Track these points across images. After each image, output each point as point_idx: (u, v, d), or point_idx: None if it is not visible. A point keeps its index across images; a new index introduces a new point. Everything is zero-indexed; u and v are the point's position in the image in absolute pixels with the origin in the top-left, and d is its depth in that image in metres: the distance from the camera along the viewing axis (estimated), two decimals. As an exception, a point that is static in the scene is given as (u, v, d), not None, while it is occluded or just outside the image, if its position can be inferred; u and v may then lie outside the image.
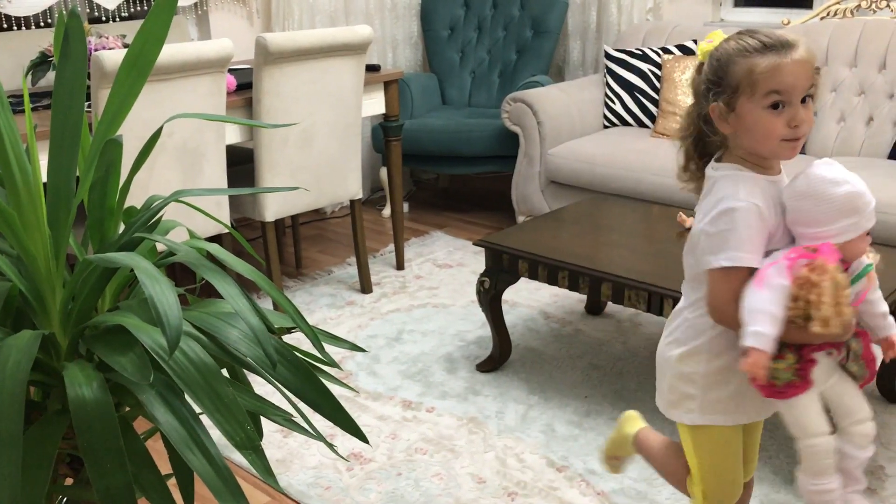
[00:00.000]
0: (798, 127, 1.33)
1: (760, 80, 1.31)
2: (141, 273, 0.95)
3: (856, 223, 1.34)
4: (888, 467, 2.15)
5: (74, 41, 1.16)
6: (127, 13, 3.69)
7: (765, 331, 1.31)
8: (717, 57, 1.36)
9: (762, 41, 1.33)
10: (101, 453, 0.98)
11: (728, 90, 1.35)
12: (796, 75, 1.31)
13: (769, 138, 1.34)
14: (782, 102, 1.32)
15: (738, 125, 1.36)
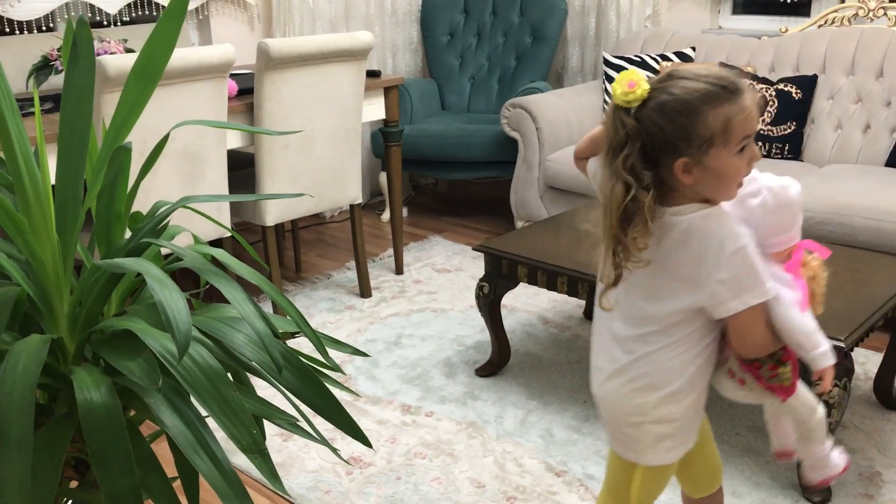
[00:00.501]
0: (752, 163, 1.29)
1: (737, 126, 1.23)
2: (150, 279, 0.97)
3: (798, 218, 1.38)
4: (885, 473, 2.17)
5: (83, 48, 1.18)
6: (128, 17, 3.71)
7: (829, 347, 1.36)
8: (674, 108, 1.22)
9: (720, 84, 1.23)
10: (108, 457, 0.99)
11: (697, 142, 1.23)
12: (757, 116, 1.27)
13: (734, 182, 1.28)
14: (747, 143, 1.26)
15: (704, 175, 1.25)
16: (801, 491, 2.08)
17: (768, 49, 3.75)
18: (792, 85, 3.55)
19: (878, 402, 2.49)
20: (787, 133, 3.52)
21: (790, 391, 1.44)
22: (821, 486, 1.58)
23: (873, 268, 2.41)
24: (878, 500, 2.06)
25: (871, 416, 2.43)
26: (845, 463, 1.58)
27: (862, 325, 2.02)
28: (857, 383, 2.58)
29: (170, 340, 1.05)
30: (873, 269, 2.39)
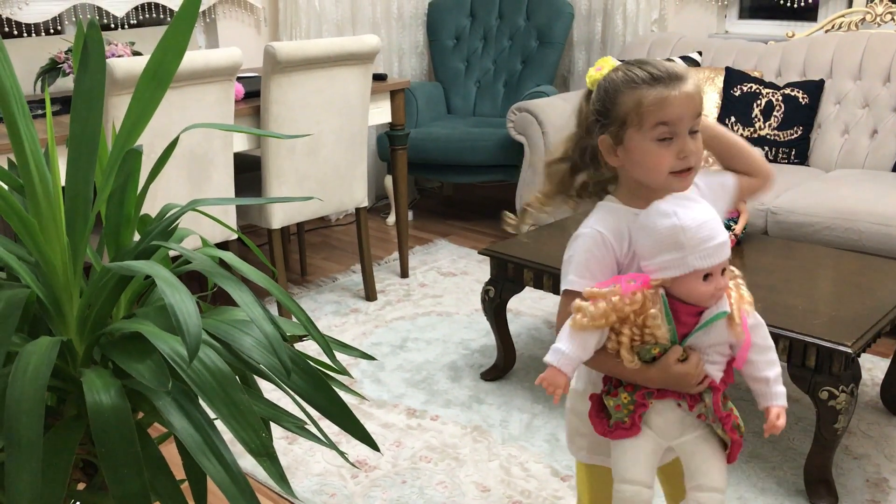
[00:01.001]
0: (686, 158, 1.29)
1: (648, 112, 1.27)
2: (161, 282, 0.97)
3: (678, 259, 1.25)
4: (892, 479, 2.16)
5: (93, 52, 1.18)
6: (136, 20, 3.72)
7: (565, 349, 1.29)
8: (605, 87, 1.32)
9: (650, 73, 1.29)
10: (118, 459, 0.99)
11: (616, 122, 1.31)
12: (683, 107, 1.27)
13: (657, 170, 1.30)
14: (670, 135, 1.28)
15: (627, 158, 1.32)
16: (807, 497, 2.08)
17: (775, 54, 3.75)
18: (799, 90, 3.54)
19: (885, 408, 2.49)
20: (793, 138, 3.52)
21: (611, 432, 1.35)
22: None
23: (880, 273, 2.40)
24: (885, 507, 2.06)
25: (878, 421, 2.43)
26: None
27: (869, 330, 2.01)
28: (865, 389, 2.58)
29: (179, 343, 1.05)
30: (880, 275, 2.39)
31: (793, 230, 2.98)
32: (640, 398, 1.33)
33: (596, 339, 1.30)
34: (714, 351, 1.32)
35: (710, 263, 1.24)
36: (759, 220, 3.07)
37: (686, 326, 1.29)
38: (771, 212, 3.06)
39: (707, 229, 1.25)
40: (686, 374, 1.29)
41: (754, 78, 3.64)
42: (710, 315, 1.28)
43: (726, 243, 1.26)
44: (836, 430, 1.98)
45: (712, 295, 1.27)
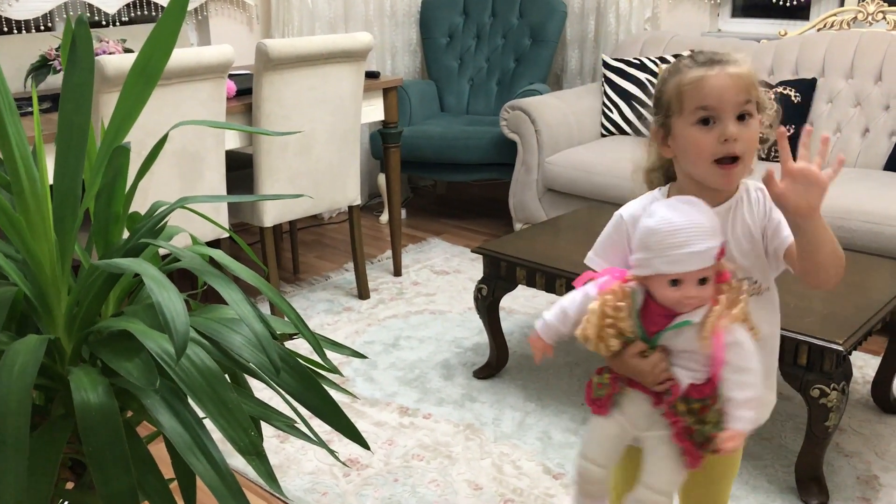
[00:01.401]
0: (728, 142, 1.24)
1: (686, 94, 1.26)
2: (149, 279, 0.96)
3: (646, 259, 1.27)
4: (882, 477, 2.17)
5: (82, 49, 1.17)
6: (127, 17, 3.70)
7: (549, 318, 1.40)
8: (658, 78, 1.33)
9: (694, 57, 1.28)
10: (105, 458, 0.98)
11: (663, 110, 1.31)
12: (723, 88, 1.24)
13: (700, 157, 1.27)
14: (711, 118, 1.25)
15: (676, 148, 1.31)
16: (798, 494, 2.08)
17: (768, 52, 3.76)
18: (791, 88, 3.55)
19: (876, 405, 2.49)
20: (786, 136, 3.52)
21: (593, 404, 1.40)
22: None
23: (872, 272, 2.41)
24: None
25: (869, 419, 2.43)
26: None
27: (860, 328, 2.02)
28: (856, 387, 2.58)
29: (167, 341, 1.04)
30: (872, 273, 2.39)
31: (785, 228, 2.99)
32: (613, 381, 1.38)
33: (574, 317, 1.36)
34: (687, 357, 1.31)
35: (674, 269, 1.24)
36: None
37: (657, 326, 1.31)
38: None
39: (681, 236, 1.23)
40: (640, 370, 1.32)
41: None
42: (677, 321, 1.29)
43: (703, 254, 1.23)
44: (827, 428, 1.98)
45: (678, 301, 1.26)
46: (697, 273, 1.24)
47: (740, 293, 1.29)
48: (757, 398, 1.29)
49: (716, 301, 1.27)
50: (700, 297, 1.26)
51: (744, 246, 1.32)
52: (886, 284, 2.29)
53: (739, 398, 1.28)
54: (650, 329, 1.32)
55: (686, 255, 1.23)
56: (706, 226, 1.24)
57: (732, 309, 1.27)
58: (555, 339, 1.43)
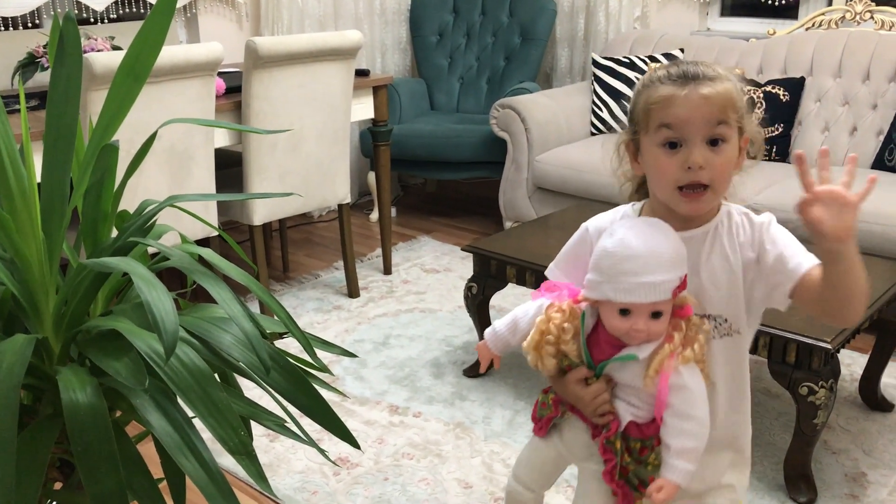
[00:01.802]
0: (692, 171, 1.13)
1: (653, 113, 1.15)
2: (137, 278, 0.96)
3: (597, 283, 1.18)
4: (870, 474, 2.18)
5: (70, 46, 1.16)
6: (115, 14, 3.68)
7: (498, 327, 1.36)
8: (634, 88, 1.23)
9: (669, 72, 1.16)
10: (94, 458, 0.98)
11: (633, 125, 1.22)
12: (692, 110, 1.12)
13: (662, 181, 1.16)
14: (678, 141, 1.14)
15: (644, 166, 1.22)
16: (787, 491, 2.09)
17: (756, 51, 3.77)
18: (780, 87, 3.56)
19: (864, 403, 2.50)
20: (775, 135, 3.54)
21: (535, 424, 1.36)
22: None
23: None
24: (864, 501, 2.07)
25: (857, 416, 2.45)
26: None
27: (848, 327, 2.03)
28: (843, 384, 2.60)
29: (156, 341, 1.04)
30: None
31: (774, 227, 3.00)
32: (555, 404, 1.32)
33: (524, 328, 1.32)
34: (631, 392, 1.23)
35: (623, 299, 1.14)
36: (740, 217, 3.08)
37: (603, 354, 1.23)
38: (752, 208, 3.07)
39: (635, 263, 1.13)
40: (580, 397, 1.24)
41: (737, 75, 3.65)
42: (623, 353, 1.20)
43: (657, 287, 1.12)
44: (815, 426, 1.99)
45: (626, 333, 1.18)
46: (649, 306, 1.14)
47: (699, 332, 1.19)
48: (696, 449, 1.18)
49: (669, 337, 1.17)
50: (650, 332, 1.16)
51: (718, 278, 1.20)
52: (874, 283, 2.30)
53: (676, 446, 1.18)
54: (596, 356, 1.24)
55: (638, 285, 1.13)
56: (666, 256, 1.14)
57: (686, 348, 1.17)
58: (502, 350, 1.37)
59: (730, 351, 1.25)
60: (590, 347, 1.24)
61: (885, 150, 3.30)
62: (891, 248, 2.80)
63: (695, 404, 1.18)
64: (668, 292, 1.14)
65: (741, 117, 1.17)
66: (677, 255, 1.15)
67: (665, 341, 1.18)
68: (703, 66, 1.16)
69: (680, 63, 1.18)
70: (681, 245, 1.16)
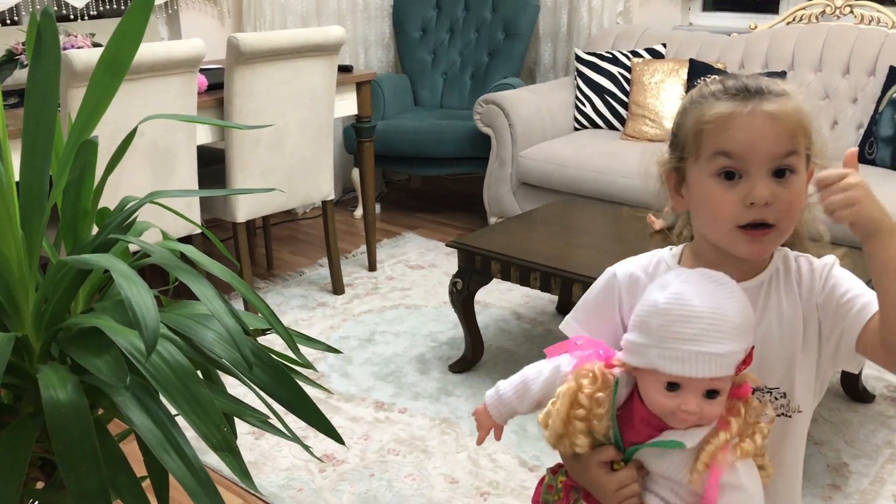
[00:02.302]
0: (754, 207, 0.93)
1: (706, 134, 0.95)
2: (118, 275, 0.95)
3: (641, 346, 0.96)
4: (852, 464, 2.20)
5: (48, 41, 1.15)
6: (95, 11, 3.65)
7: (504, 390, 1.11)
8: (679, 106, 1.02)
9: (725, 85, 0.97)
10: (76, 456, 0.97)
11: (678, 150, 1.00)
12: (756, 133, 0.92)
13: (717, 220, 0.96)
14: (737, 171, 0.94)
15: (691, 200, 1.00)
16: (770, 483, 2.11)
17: (738, 46, 3.79)
18: (761, 81, 3.58)
19: (846, 394, 2.53)
20: (756, 129, 3.56)
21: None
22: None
23: (843, 262, 2.43)
24: (845, 491, 2.09)
25: (839, 408, 2.47)
26: None
27: None
28: (826, 376, 2.62)
29: (138, 337, 1.03)
30: (843, 264, 2.42)
31: (756, 220, 3.01)
32: (566, 490, 1.09)
33: (537, 395, 1.08)
34: (667, 487, 1.00)
35: (677, 371, 0.93)
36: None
37: (638, 436, 1.01)
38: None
39: (696, 327, 0.92)
40: (602, 485, 1.01)
41: (718, 70, 3.67)
42: (663, 437, 0.98)
43: (721, 359, 0.92)
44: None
45: (672, 413, 0.96)
46: (707, 382, 0.93)
47: (761, 417, 0.98)
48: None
49: (724, 423, 0.96)
50: (703, 415, 0.95)
51: (774, 341, 1.00)
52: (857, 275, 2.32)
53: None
54: (628, 437, 1.01)
55: (696, 354, 0.92)
56: (734, 321, 0.93)
57: (745, 440, 0.96)
58: (507, 418, 1.13)
59: (785, 433, 1.04)
60: (620, 425, 1.01)
61: (866, 143, 3.33)
62: (872, 241, 2.82)
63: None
64: (732, 367, 0.93)
65: (811, 144, 0.98)
66: (745, 321, 0.94)
67: (719, 428, 0.96)
68: (766, 79, 0.98)
69: (738, 75, 0.98)
70: (750, 309, 0.95)
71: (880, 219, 0.89)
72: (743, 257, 0.97)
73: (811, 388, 1.02)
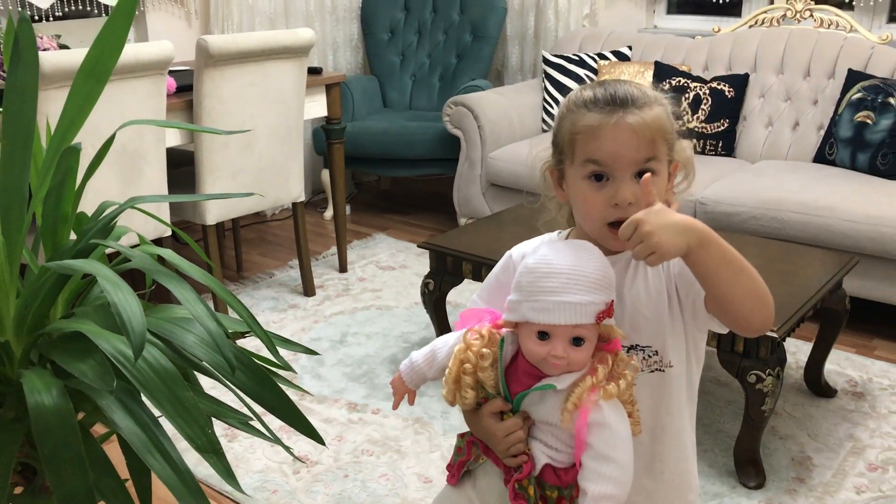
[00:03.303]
0: (619, 207, 1.06)
1: (578, 143, 1.07)
2: (103, 280, 0.96)
3: (516, 303, 1.08)
4: (815, 457, 2.26)
5: (25, 46, 1.16)
6: (60, 13, 3.62)
7: (416, 359, 1.22)
8: (558, 108, 1.15)
9: (595, 95, 1.08)
10: (61, 460, 0.98)
11: (557, 151, 1.13)
12: (620, 143, 1.04)
13: (589, 217, 1.10)
14: (604, 174, 1.06)
15: (569, 195, 1.14)
16: (737, 476, 2.16)
17: (702, 48, 3.86)
18: (725, 83, 3.65)
19: (809, 389, 2.59)
20: (720, 130, 3.63)
21: (449, 469, 1.23)
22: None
23: (803, 260, 2.50)
24: (809, 484, 2.15)
25: (802, 403, 2.53)
26: None
27: (793, 315, 2.10)
28: (789, 372, 2.68)
29: (121, 342, 1.04)
30: (803, 262, 2.49)
31: (720, 220, 3.08)
32: (469, 446, 1.19)
33: (442, 360, 1.19)
34: (548, 431, 1.11)
35: (542, 319, 1.04)
36: (688, 211, 3.16)
37: (521, 385, 1.11)
38: (700, 202, 3.15)
39: (556, 280, 1.04)
40: (492, 433, 1.11)
41: (682, 72, 3.74)
42: (541, 383, 1.08)
43: (579, 308, 1.03)
44: (763, 412, 2.06)
45: (543, 359, 1.06)
46: (571, 329, 1.04)
47: (627, 368, 1.08)
48: (616, 497, 1.05)
49: (592, 370, 1.06)
50: (570, 360, 1.06)
51: (643, 304, 1.12)
52: (817, 273, 2.39)
53: (594, 492, 1.05)
54: (514, 388, 1.12)
55: (557, 303, 1.03)
56: (592, 276, 1.04)
57: (610, 383, 1.06)
58: (418, 384, 1.24)
59: (658, 388, 1.15)
60: (508, 379, 1.12)
61: (826, 144, 3.41)
62: (831, 239, 2.90)
63: (616, 445, 1.05)
64: (592, 316, 1.04)
65: (671, 147, 1.11)
66: (604, 278, 1.05)
67: (587, 374, 1.06)
68: (633, 86, 1.09)
69: (608, 84, 1.10)
70: (609, 268, 1.07)
71: (684, 242, 0.99)
72: (614, 250, 1.11)
73: (682, 347, 1.14)
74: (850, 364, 2.76)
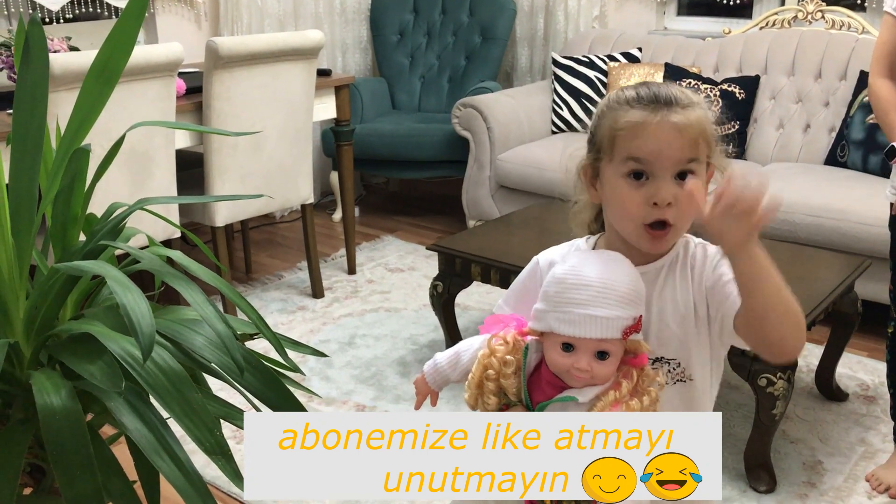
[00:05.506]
0: (658, 207, 1.04)
1: (619, 139, 1.06)
2: (112, 282, 0.96)
3: (543, 312, 1.07)
4: (826, 462, 2.24)
5: (36, 48, 1.16)
6: (71, 15, 3.63)
7: (440, 361, 1.24)
8: (597, 107, 1.13)
9: (639, 93, 1.07)
10: (70, 461, 0.98)
11: (594, 149, 1.12)
12: (663, 141, 1.03)
13: (626, 216, 1.08)
14: (645, 173, 1.05)
15: (603, 195, 1.12)
16: (747, 480, 2.15)
17: (712, 50, 3.84)
18: (735, 85, 3.64)
19: (820, 393, 2.58)
20: (730, 132, 3.61)
21: None
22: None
23: (814, 264, 2.49)
24: (820, 488, 2.14)
25: (813, 406, 2.52)
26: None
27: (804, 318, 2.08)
28: (800, 376, 2.67)
29: (130, 343, 1.04)
30: (814, 265, 2.47)
31: (731, 222, 3.06)
32: None
33: (466, 364, 1.20)
34: None
35: (568, 331, 1.04)
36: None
37: (543, 395, 1.10)
38: (710, 205, 3.13)
39: (585, 293, 1.03)
40: None
41: (693, 73, 3.73)
42: (562, 395, 1.08)
43: (606, 322, 1.02)
44: (774, 416, 2.05)
45: (567, 371, 1.06)
46: (596, 343, 1.03)
47: (652, 384, 1.07)
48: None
49: (616, 385, 1.05)
50: (594, 374, 1.05)
51: (669, 316, 1.11)
52: (828, 276, 2.38)
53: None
54: (536, 397, 1.11)
55: (583, 316, 1.03)
56: (621, 290, 1.04)
57: (633, 399, 1.05)
58: (441, 385, 1.26)
59: (682, 399, 1.14)
60: (530, 388, 1.11)
61: (837, 146, 3.39)
62: (842, 242, 2.88)
63: None
64: (618, 331, 1.03)
65: (711, 150, 1.09)
66: (633, 292, 1.05)
67: (611, 388, 1.05)
68: (676, 88, 1.09)
69: (650, 84, 1.10)
70: (639, 282, 1.06)
71: (751, 236, 0.97)
72: (649, 252, 1.09)
73: (706, 360, 1.13)
74: (862, 368, 2.75)
